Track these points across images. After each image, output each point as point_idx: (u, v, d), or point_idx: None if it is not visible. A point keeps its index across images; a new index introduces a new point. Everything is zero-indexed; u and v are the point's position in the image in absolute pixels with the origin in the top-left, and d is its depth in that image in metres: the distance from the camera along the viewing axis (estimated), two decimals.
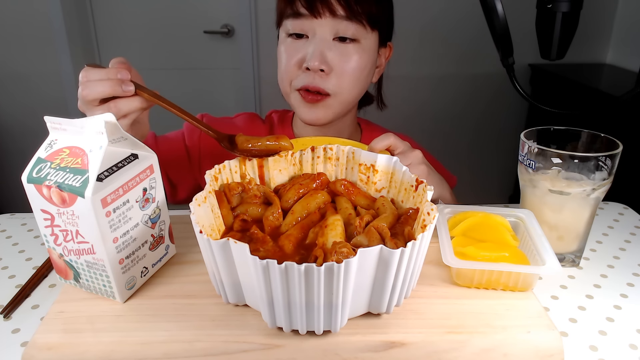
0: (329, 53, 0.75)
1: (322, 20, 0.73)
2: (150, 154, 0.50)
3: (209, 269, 0.46)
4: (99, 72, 0.60)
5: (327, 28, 0.74)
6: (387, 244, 0.46)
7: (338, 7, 0.73)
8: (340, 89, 0.77)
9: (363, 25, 0.74)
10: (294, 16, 0.75)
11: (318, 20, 0.74)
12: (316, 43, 0.74)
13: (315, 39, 0.75)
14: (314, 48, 0.74)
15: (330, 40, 0.75)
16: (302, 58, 0.76)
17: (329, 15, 0.73)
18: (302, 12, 0.74)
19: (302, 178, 0.57)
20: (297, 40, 0.76)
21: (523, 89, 0.72)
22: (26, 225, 0.73)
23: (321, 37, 0.74)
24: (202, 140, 0.88)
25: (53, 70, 2.12)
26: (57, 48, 2.08)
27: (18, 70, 2.14)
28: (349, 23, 0.73)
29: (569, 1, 0.66)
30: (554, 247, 0.59)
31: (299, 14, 0.74)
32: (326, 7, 0.73)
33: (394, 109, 2.28)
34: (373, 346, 0.44)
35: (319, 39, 0.74)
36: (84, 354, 0.43)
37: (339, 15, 0.73)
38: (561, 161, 0.58)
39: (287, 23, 0.77)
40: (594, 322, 0.53)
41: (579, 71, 2.00)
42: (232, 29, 2.12)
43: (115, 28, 2.15)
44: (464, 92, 2.19)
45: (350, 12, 0.73)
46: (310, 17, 0.74)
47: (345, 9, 0.73)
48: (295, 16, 0.75)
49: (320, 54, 0.74)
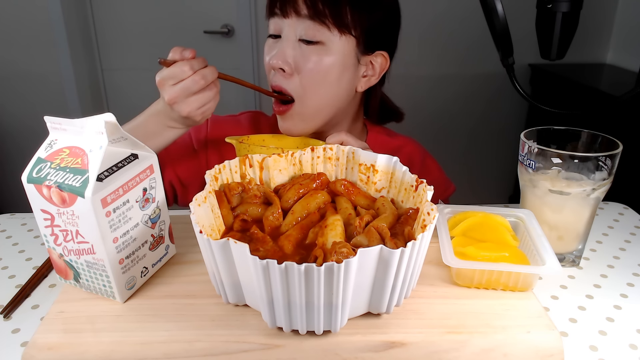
0: (291, 53, 0.74)
1: (289, 20, 0.74)
2: (150, 154, 0.50)
3: (209, 269, 0.46)
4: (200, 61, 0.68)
5: (292, 28, 0.74)
6: (387, 244, 0.46)
7: (302, 7, 0.72)
8: (302, 91, 0.75)
9: (328, 27, 0.73)
10: (271, 15, 0.76)
11: (287, 20, 0.74)
12: (282, 43, 0.75)
13: (282, 38, 0.75)
14: (279, 47, 0.75)
15: (295, 40, 0.74)
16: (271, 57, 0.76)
17: (294, 15, 0.73)
18: (276, 12, 0.75)
19: (302, 178, 0.57)
20: (273, 40, 0.77)
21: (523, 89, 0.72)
22: (26, 225, 0.73)
23: (287, 37, 0.74)
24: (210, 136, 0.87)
25: (53, 70, 2.12)
26: (57, 48, 2.08)
27: (18, 70, 2.14)
28: (312, 23, 0.72)
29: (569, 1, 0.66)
30: (554, 247, 0.59)
31: (274, 14, 0.75)
32: (292, 7, 0.73)
33: None
34: (373, 346, 0.44)
35: (285, 38, 0.74)
36: (84, 354, 0.43)
37: (303, 14, 0.72)
38: (561, 161, 0.58)
39: (269, 23, 0.78)
40: (594, 322, 0.53)
41: (579, 71, 2.00)
42: (232, 29, 2.12)
43: (115, 28, 2.14)
44: (464, 92, 2.19)
45: (313, 11, 0.72)
46: (281, 17, 0.74)
47: (308, 8, 0.72)
48: (272, 15, 0.76)
49: (282, 53, 0.74)
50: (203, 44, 2.15)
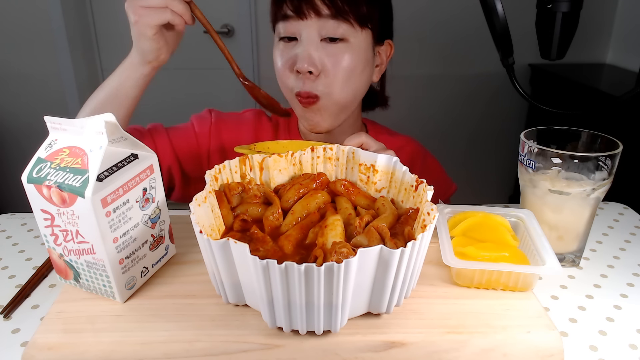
0: (317, 54, 0.73)
1: (308, 22, 0.73)
2: (150, 154, 0.50)
3: (209, 269, 0.46)
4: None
5: (314, 29, 0.73)
6: (387, 244, 0.46)
7: (323, 7, 0.72)
8: (330, 89, 0.75)
9: (351, 24, 0.73)
10: (283, 19, 0.74)
11: (304, 22, 0.73)
12: (304, 45, 0.73)
13: (303, 40, 0.74)
14: (302, 50, 0.73)
15: (317, 41, 0.74)
16: (292, 61, 0.75)
17: (314, 15, 0.72)
18: (290, 14, 0.73)
19: (302, 178, 0.57)
20: (287, 44, 0.76)
21: (523, 89, 0.72)
22: (26, 225, 0.73)
23: (308, 39, 0.73)
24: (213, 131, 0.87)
25: (53, 70, 2.12)
26: (57, 48, 2.08)
27: (18, 70, 2.14)
28: (335, 22, 0.72)
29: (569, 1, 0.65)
30: (554, 247, 0.59)
31: (287, 17, 0.74)
32: (311, 8, 0.72)
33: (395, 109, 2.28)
34: (373, 346, 0.44)
35: (307, 40, 0.73)
36: (84, 354, 0.43)
37: (324, 14, 0.72)
38: (561, 161, 0.58)
39: (278, 26, 0.76)
40: (594, 322, 0.53)
41: (579, 71, 2.00)
42: (232, 29, 2.12)
43: (115, 28, 2.14)
44: (464, 92, 2.19)
45: (335, 10, 0.72)
46: (297, 19, 0.73)
47: (330, 8, 0.72)
48: (284, 19, 0.74)
49: (308, 56, 0.73)
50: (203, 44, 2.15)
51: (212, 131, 0.87)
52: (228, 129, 0.88)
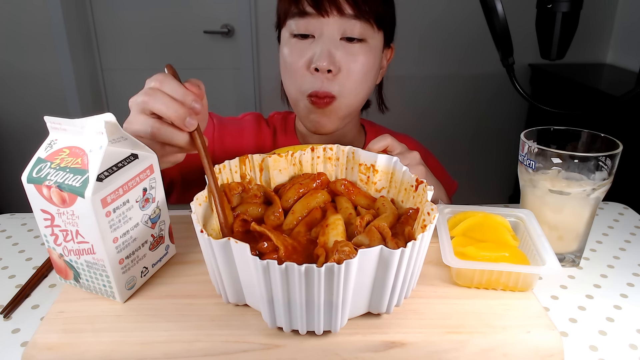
0: (337, 53, 0.72)
1: (330, 19, 0.71)
2: (150, 154, 0.50)
3: (210, 269, 0.46)
4: (176, 88, 0.52)
5: (335, 27, 0.71)
6: (388, 243, 0.46)
7: (346, 6, 0.70)
8: (346, 90, 0.74)
9: (371, 25, 0.72)
10: (300, 15, 0.72)
11: (325, 19, 0.71)
12: (324, 43, 0.71)
13: (322, 38, 0.72)
14: (322, 48, 0.71)
15: (337, 40, 0.72)
16: (309, 59, 0.73)
17: (337, 14, 0.70)
18: (309, 11, 0.71)
19: (302, 178, 0.57)
20: (302, 41, 0.73)
21: (523, 89, 0.72)
22: (26, 225, 0.73)
23: (329, 37, 0.72)
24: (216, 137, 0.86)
25: (53, 70, 2.12)
26: (57, 48, 2.08)
27: (18, 70, 2.14)
28: (357, 22, 0.71)
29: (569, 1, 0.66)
30: (554, 247, 0.59)
31: (305, 13, 0.71)
32: (334, 6, 0.70)
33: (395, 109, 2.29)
34: (373, 346, 0.44)
35: (327, 38, 0.72)
36: (84, 354, 0.43)
37: (347, 14, 0.71)
38: (561, 161, 0.58)
39: (291, 23, 0.74)
40: (594, 322, 0.53)
41: (579, 71, 2.00)
42: (232, 29, 2.12)
43: (115, 28, 2.14)
44: (464, 92, 2.19)
45: (358, 10, 0.71)
46: (317, 16, 0.71)
47: (353, 7, 0.70)
48: (301, 15, 0.72)
49: (328, 54, 0.71)
50: (203, 44, 2.15)
51: (216, 137, 0.86)
52: (230, 134, 0.87)
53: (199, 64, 2.18)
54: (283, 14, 0.76)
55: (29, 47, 2.10)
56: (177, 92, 0.52)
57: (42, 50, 2.10)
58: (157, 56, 2.17)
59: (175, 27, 2.12)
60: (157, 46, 2.15)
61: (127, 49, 2.17)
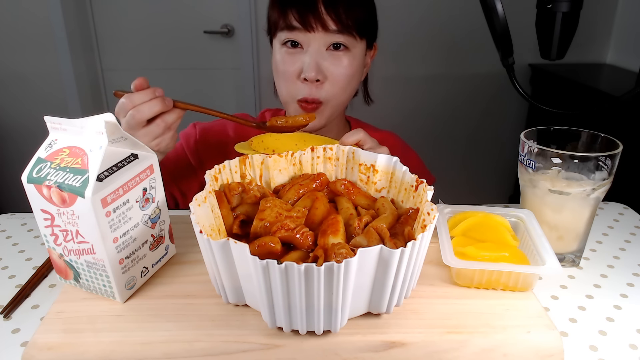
0: (323, 63, 0.78)
1: (316, 34, 0.76)
2: (150, 154, 0.50)
3: (209, 269, 0.46)
4: (141, 95, 0.63)
5: (321, 41, 0.77)
6: (386, 244, 0.46)
7: (330, 22, 0.76)
8: (332, 96, 0.80)
9: (353, 36, 0.78)
10: (288, 29, 0.77)
11: (312, 34, 0.76)
12: (311, 55, 0.77)
13: (310, 50, 0.77)
14: (310, 60, 0.77)
15: (324, 51, 0.78)
16: (299, 69, 0.78)
17: (322, 29, 0.76)
18: (296, 26, 0.76)
19: (302, 178, 0.57)
20: (292, 49, 0.79)
21: (523, 89, 0.72)
22: (26, 225, 0.73)
23: (315, 49, 0.77)
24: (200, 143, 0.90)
25: (53, 70, 2.12)
26: (57, 48, 2.08)
27: (18, 70, 2.14)
28: (340, 36, 0.77)
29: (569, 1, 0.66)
30: (554, 247, 0.59)
31: (292, 27, 0.77)
32: (319, 22, 0.75)
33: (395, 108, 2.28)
34: (373, 346, 0.44)
35: (314, 50, 0.77)
36: (84, 354, 0.43)
37: (331, 29, 0.76)
38: (561, 161, 0.58)
39: (281, 34, 0.79)
40: (594, 322, 0.53)
41: (579, 71, 2.00)
42: (232, 29, 2.12)
43: (115, 28, 2.14)
44: (464, 92, 2.19)
45: (341, 26, 0.76)
46: (304, 31, 0.76)
47: (336, 23, 0.76)
48: (289, 29, 0.77)
49: (316, 65, 0.77)
50: (203, 44, 2.15)
51: (199, 145, 0.90)
52: (214, 136, 0.91)
53: (199, 64, 2.18)
54: (273, 25, 0.81)
55: (30, 48, 2.10)
56: (145, 95, 0.63)
57: (42, 50, 2.09)
58: (157, 56, 2.17)
59: (175, 27, 2.12)
60: (157, 46, 2.15)
61: (127, 49, 2.17)
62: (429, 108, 2.21)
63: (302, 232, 0.48)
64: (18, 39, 2.09)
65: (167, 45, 2.16)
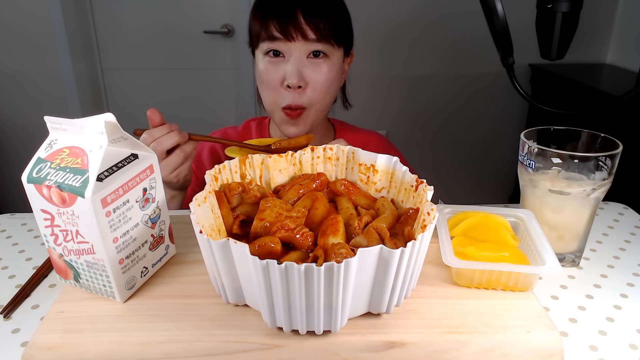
0: (305, 70, 0.82)
1: (296, 43, 0.80)
2: (150, 154, 0.50)
3: (209, 269, 0.46)
4: (160, 129, 0.71)
5: (302, 50, 0.81)
6: (386, 244, 0.46)
7: (309, 32, 0.80)
8: (314, 101, 0.84)
9: (332, 45, 0.82)
10: (269, 39, 0.81)
11: (292, 43, 0.80)
12: (293, 63, 0.81)
13: (291, 59, 0.82)
14: (292, 68, 0.81)
15: (304, 58, 0.82)
16: (282, 77, 0.82)
17: (302, 39, 0.80)
18: (277, 36, 0.80)
19: (302, 178, 0.57)
20: (275, 59, 0.83)
21: (523, 89, 0.72)
22: (26, 225, 0.73)
23: (297, 57, 0.81)
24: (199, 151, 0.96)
25: (53, 70, 2.12)
26: (58, 48, 2.08)
27: (18, 70, 2.14)
28: (320, 44, 0.81)
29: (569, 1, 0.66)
30: (554, 247, 0.59)
31: (273, 37, 0.81)
32: (299, 32, 0.80)
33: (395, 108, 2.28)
34: (373, 346, 0.44)
35: (295, 59, 0.81)
36: (84, 354, 0.43)
37: (310, 38, 0.80)
38: (561, 161, 0.58)
39: (263, 45, 0.83)
40: (594, 322, 0.53)
41: (579, 71, 2.00)
42: (232, 29, 2.12)
43: (115, 28, 2.14)
44: (464, 92, 2.19)
45: (320, 34, 0.80)
46: (285, 41, 0.80)
47: (315, 32, 0.80)
48: (270, 39, 0.81)
49: (297, 72, 0.81)
50: (203, 44, 2.15)
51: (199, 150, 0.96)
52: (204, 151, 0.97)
53: (199, 64, 2.18)
54: (255, 36, 0.85)
55: (30, 48, 2.10)
56: (163, 130, 0.71)
57: (42, 50, 2.09)
58: (157, 56, 2.17)
59: (176, 27, 2.12)
60: (157, 46, 2.15)
61: (127, 49, 2.17)
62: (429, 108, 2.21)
63: (302, 232, 0.48)
64: (18, 39, 2.09)
65: (167, 45, 2.16)
